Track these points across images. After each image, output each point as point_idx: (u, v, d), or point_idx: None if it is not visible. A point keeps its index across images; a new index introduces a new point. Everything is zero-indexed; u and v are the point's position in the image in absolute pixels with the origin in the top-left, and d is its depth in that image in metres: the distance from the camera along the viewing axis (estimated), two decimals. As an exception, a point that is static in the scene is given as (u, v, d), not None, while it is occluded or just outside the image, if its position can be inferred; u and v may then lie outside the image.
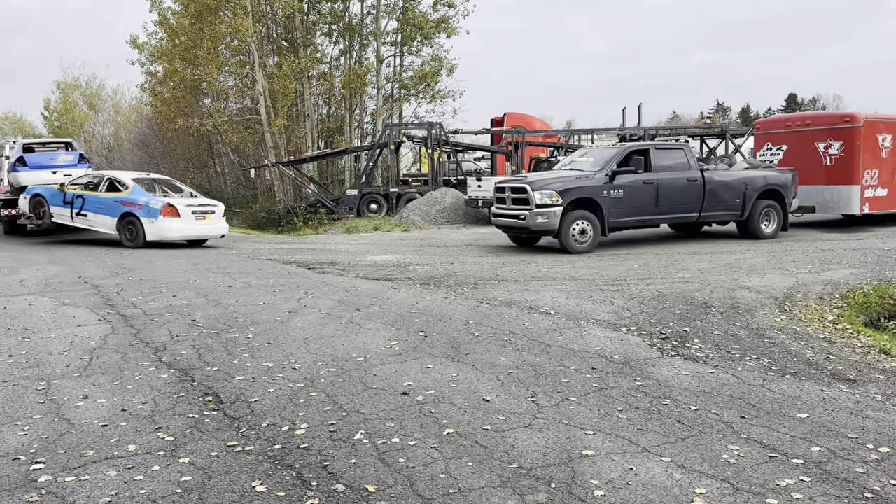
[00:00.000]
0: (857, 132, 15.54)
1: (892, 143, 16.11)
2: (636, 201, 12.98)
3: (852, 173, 15.65)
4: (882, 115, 16.86)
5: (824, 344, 6.37)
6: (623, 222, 13.07)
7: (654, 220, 13.70)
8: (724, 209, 13.91)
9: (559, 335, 6.51)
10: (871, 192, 15.82)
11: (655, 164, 13.22)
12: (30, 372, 5.56)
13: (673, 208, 13.39)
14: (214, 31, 29.16)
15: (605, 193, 12.69)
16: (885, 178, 16.12)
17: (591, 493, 3.42)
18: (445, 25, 30.08)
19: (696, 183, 13.46)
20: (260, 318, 7.39)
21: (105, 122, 55.77)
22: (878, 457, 3.85)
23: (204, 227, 15.37)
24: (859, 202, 15.69)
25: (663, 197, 13.18)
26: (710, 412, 4.53)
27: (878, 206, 16.11)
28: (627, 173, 12.86)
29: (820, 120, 16.77)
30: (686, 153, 13.83)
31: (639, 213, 13.11)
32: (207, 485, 3.56)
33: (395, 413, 4.54)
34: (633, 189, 12.90)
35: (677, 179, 13.33)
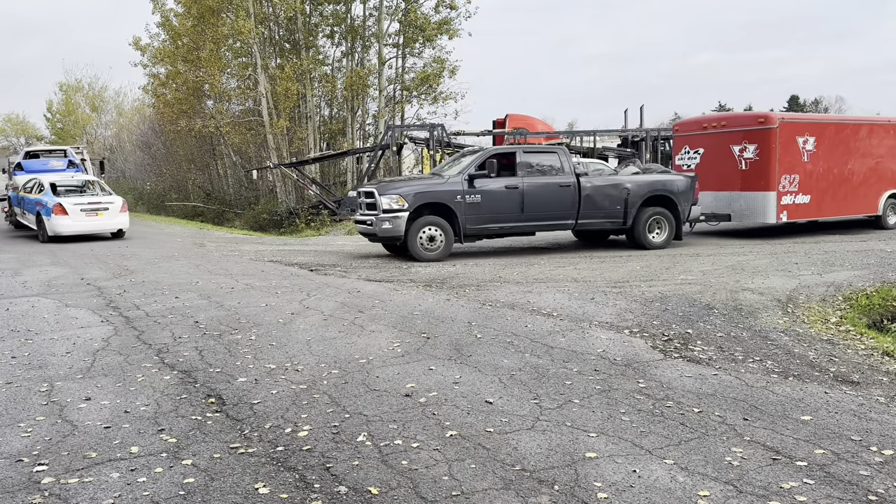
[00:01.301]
0: (772, 134, 14.42)
1: (815, 146, 14.92)
2: (497, 207, 12.35)
3: (767, 179, 14.48)
4: (803, 115, 15.87)
5: (827, 346, 6.36)
6: (483, 229, 12.49)
7: (521, 228, 12.81)
8: (604, 216, 13.03)
9: (562, 337, 6.51)
10: (789, 198, 14.62)
11: (523, 169, 12.58)
12: (33, 374, 5.57)
13: (542, 215, 12.65)
14: (217, 33, 29.21)
15: (460, 199, 12.13)
16: (808, 184, 14.88)
17: (594, 496, 3.42)
18: (447, 27, 30.09)
19: (570, 189, 12.67)
20: (262, 319, 7.39)
21: (107, 123, 55.87)
22: (881, 459, 3.84)
23: (95, 222, 17.10)
24: (775, 210, 14.48)
25: (530, 203, 12.49)
26: (713, 414, 4.52)
27: (798, 214, 14.89)
28: (487, 178, 12.26)
29: (734, 121, 15.67)
30: (560, 157, 12.96)
31: (501, 220, 12.48)
32: (210, 486, 3.56)
33: (398, 415, 4.54)
34: (493, 194, 12.31)
35: (547, 185, 12.62)
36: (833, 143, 15.21)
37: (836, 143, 15.29)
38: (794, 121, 15.18)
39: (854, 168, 15.58)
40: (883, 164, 16.05)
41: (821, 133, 15.04)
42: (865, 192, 15.79)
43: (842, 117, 16.28)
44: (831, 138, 15.20)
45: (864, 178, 15.74)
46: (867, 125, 16.29)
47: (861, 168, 15.69)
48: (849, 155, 15.51)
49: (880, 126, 16.38)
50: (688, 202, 13.63)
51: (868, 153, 15.81)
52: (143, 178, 42.83)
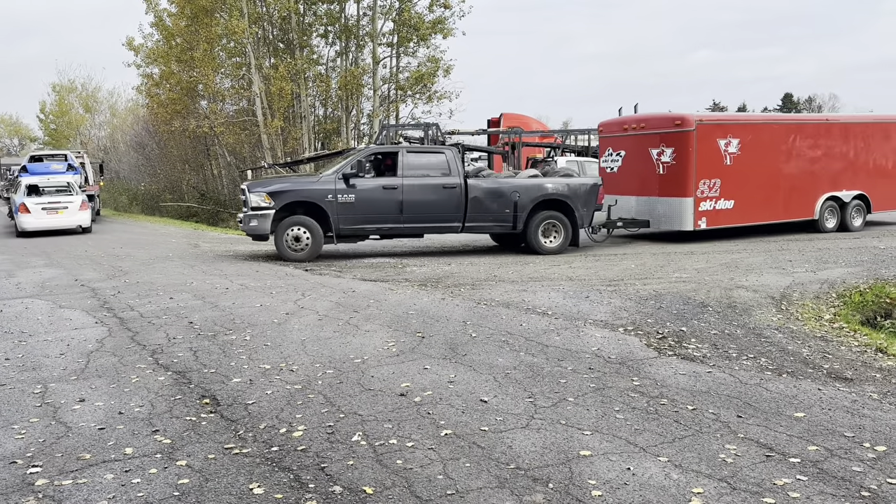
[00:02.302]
0: (688, 137, 13.57)
1: (738, 149, 14.04)
2: (373, 208, 12.14)
3: (684, 184, 13.67)
4: (725, 115, 14.56)
5: (821, 343, 6.39)
6: (358, 229, 12.30)
7: (401, 229, 12.56)
8: (493, 220, 12.63)
9: (556, 335, 6.52)
10: (708, 204, 13.81)
11: (406, 170, 12.32)
12: (26, 375, 5.55)
13: (424, 217, 12.37)
14: (210, 33, 29.14)
15: (332, 198, 11.96)
16: (731, 189, 14.02)
17: (589, 494, 3.43)
18: (441, 26, 30.07)
19: (455, 190, 12.34)
20: (257, 319, 7.38)
21: (101, 124, 55.68)
22: (874, 455, 3.85)
23: (55, 219, 19.40)
24: (692, 217, 13.66)
25: (410, 204, 12.23)
26: (707, 412, 4.54)
27: (720, 221, 14.05)
28: (363, 177, 12.12)
29: (653, 123, 14.51)
30: (448, 158, 12.61)
31: (378, 221, 12.26)
32: (205, 487, 3.55)
33: (393, 414, 4.54)
34: (368, 194, 12.10)
35: (430, 186, 12.31)
36: (760, 144, 14.42)
37: (764, 144, 14.50)
38: (715, 122, 14.29)
39: (787, 170, 14.72)
40: (820, 166, 15.15)
41: (746, 134, 14.23)
42: (801, 195, 14.94)
43: (770, 117, 15.25)
44: (758, 140, 14.40)
45: (800, 180, 14.87)
46: (801, 125, 15.49)
47: (795, 170, 14.83)
48: (780, 157, 14.66)
49: (816, 126, 15.55)
50: (587, 207, 12.95)
51: (802, 155, 14.96)
52: (138, 179, 42.70)
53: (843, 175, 15.39)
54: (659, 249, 12.91)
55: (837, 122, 16.13)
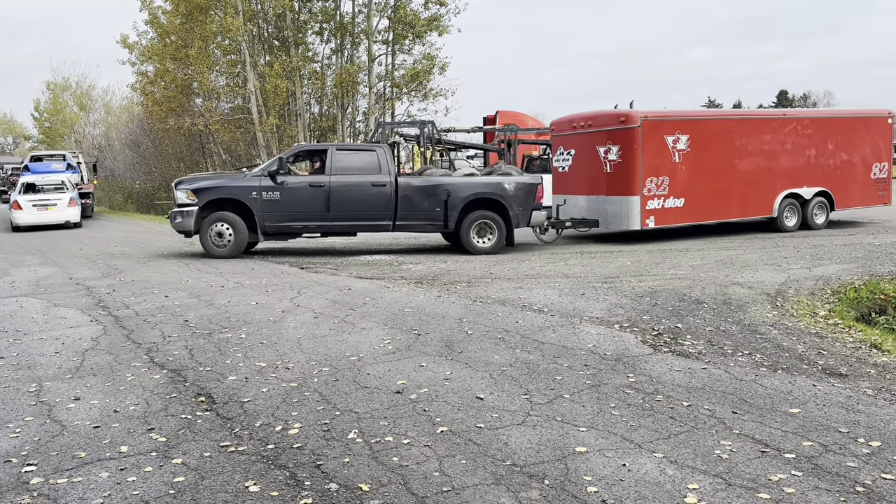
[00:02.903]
0: (633, 134, 13.18)
1: (688, 145, 13.58)
2: (300, 205, 12.25)
3: (630, 182, 13.27)
4: (673, 112, 14.12)
5: (816, 339, 6.40)
6: (285, 227, 12.41)
7: (329, 227, 12.60)
8: (424, 218, 12.58)
9: (552, 332, 6.52)
10: (656, 203, 13.38)
11: (334, 167, 12.37)
12: (21, 374, 5.53)
13: (353, 214, 12.42)
14: (205, 31, 29.06)
15: (256, 195, 12.14)
16: (681, 187, 13.57)
17: (585, 490, 3.43)
18: (437, 23, 30.05)
19: (385, 188, 12.35)
20: (252, 317, 7.37)
21: (96, 122, 55.53)
22: (869, 451, 3.87)
23: (45, 215, 21.09)
24: (639, 216, 13.24)
25: (337, 202, 12.29)
26: (702, 408, 4.55)
27: (669, 219, 13.63)
28: (289, 175, 12.33)
29: (599, 120, 14.09)
30: (379, 156, 12.64)
31: (304, 219, 12.37)
32: (200, 485, 3.55)
33: (389, 412, 4.54)
34: (294, 192, 12.21)
35: (359, 184, 12.34)
36: (712, 141, 13.95)
37: (717, 141, 14.01)
38: (661, 119, 13.73)
39: (742, 167, 14.26)
40: (779, 163, 14.66)
41: (696, 131, 13.79)
42: (759, 192, 14.43)
43: (722, 112, 14.52)
44: (709, 136, 13.95)
45: (757, 177, 14.38)
46: (756, 120, 15.03)
47: (751, 167, 14.35)
48: (734, 153, 14.19)
49: (773, 121, 15.03)
50: (524, 207, 12.67)
51: (759, 151, 14.48)
52: (133, 177, 42.58)
53: (805, 171, 14.93)
54: (654, 247, 12.92)
55: (797, 117, 15.71)
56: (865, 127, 15.85)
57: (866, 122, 15.99)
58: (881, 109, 16.65)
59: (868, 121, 16.03)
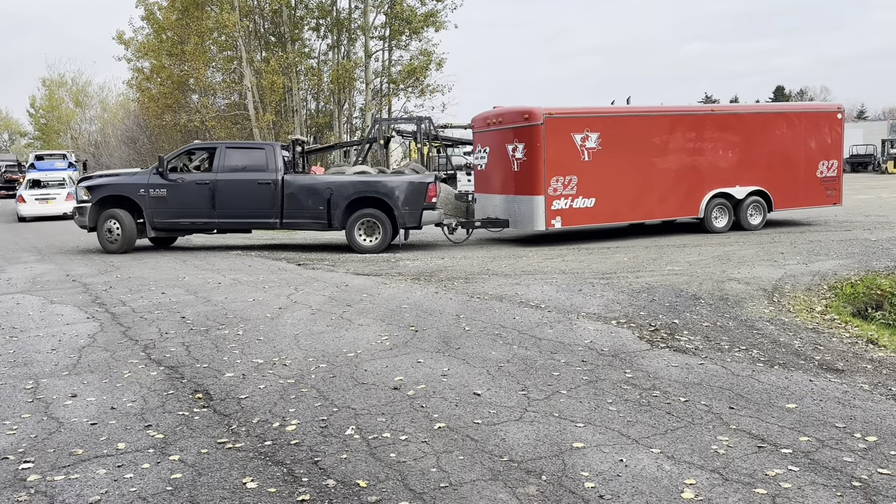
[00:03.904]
0: (537, 132, 12.68)
1: (599, 143, 13.03)
2: (186, 202, 12.58)
3: (535, 181, 12.77)
4: (580, 108, 13.59)
5: (812, 334, 6.42)
6: (172, 223, 12.78)
7: (215, 224, 12.89)
8: (309, 217, 12.68)
9: (549, 328, 6.53)
10: (563, 203, 12.85)
11: (222, 165, 12.66)
12: (18, 371, 5.52)
13: (239, 212, 12.67)
14: (201, 27, 28.99)
15: (144, 192, 12.54)
16: (591, 186, 13.01)
17: (582, 485, 3.44)
18: (434, 19, 30.02)
19: (270, 186, 12.55)
20: (250, 314, 7.36)
21: (92, 118, 55.39)
22: (865, 446, 3.88)
23: (45, 208, 23.89)
24: (544, 216, 12.74)
25: (223, 199, 12.57)
26: (699, 403, 4.56)
27: (578, 220, 13.10)
28: (177, 172, 12.71)
29: (507, 117, 13.53)
30: (267, 154, 12.81)
31: (191, 216, 12.66)
32: (198, 482, 3.55)
33: (386, 408, 4.54)
34: (181, 189, 12.55)
35: (244, 182, 12.57)
36: (627, 138, 13.34)
37: (632, 138, 13.38)
38: (567, 115, 13.09)
39: (663, 166, 13.61)
40: (706, 161, 13.95)
41: (607, 128, 13.20)
42: (683, 192, 13.79)
43: (638, 109, 13.81)
44: (623, 134, 13.34)
45: (680, 176, 13.73)
46: (678, 116, 14.10)
47: (673, 165, 13.69)
48: (652, 151, 13.55)
49: (699, 117, 14.23)
50: (412, 206, 12.43)
51: (682, 148, 13.79)
52: (129, 174, 42.49)
53: (738, 170, 14.19)
54: (651, 243, 12.93)
55: (727, 112, 14.82)
56: (812, 123, 14.90)
57: (813, 117, 15.05)
58: (830, 104, 15.37)
59: (815, 116, 15.10)
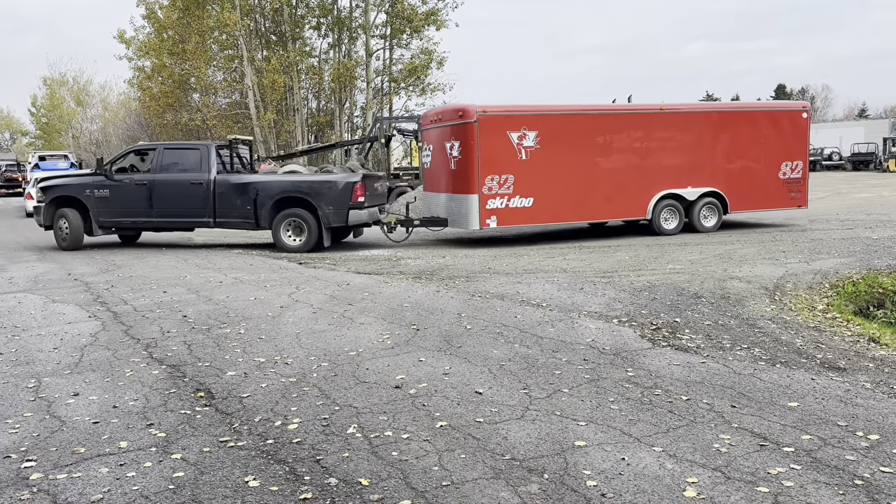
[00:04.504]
0: (470, 130, 12.52)
1: (537, 142, 12.78)
2: (126, 202, 13.09)
3: (469, 180, 12.62)
4: (516, 106, 13.31)
5: (814, 333, 6.41)
6: (116, 222, 13.41)
7: (154, 223, 13.39)
8: (239, 216, 12.92)
9: (551, 327, 6.53)
10: (499, 202, 12.66)
11: (160, 166, 13.07)
12: (20, 370, 5.53)
13: (174, 211, 13.05)
14: (202, 26, 28.99)
15: (90, 192, 13.18)
16: (529, 186, 12.77)
17: (584, 484, 3.44)
18: (435, 18, 30.00)
19: (202, 186, 12.87)
20: (251, 313, 7.37)
21: (93, 117, 55.42)
22: (867, 444, 3.87)
23: None
24: (478, 215, 12.59)
25: (159, 199, 12.99)
26: (701, 402, 4.55)
27: (515, 220, 12.92)
28: (121, 173, 13.27)
29: (446, 115, 13.44)
30: (202, 154, 13.13)
31: (132, 215, 13.18)
32: (200, 480, 3.55)
33: (388, 406, 4.54)
34: (122, 189, 13.09)
35: (178, 182, 12.94)
36: (567, 137, 13.07)
37: (573, 137, 13.11)
38: (503, 113, 12.87)
39: (607, 166, 13.36)
40: (654, 161, 13.61)
41: (546, 127, 12.94)
42: (629, 192, 13.49)
43: (579, 107, 13.41)
44: (564, 132, 13.07)
45: (626, 176, 13.46)
46: (623, 115, 13.81)
47: (618, 165, 13.44)
48: (595, 151, 13.30)
49: (647, 116, 13.84)
50: (337, 206, 12.46)
51: (628, 148, 13.51)
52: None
53: (689, 171, 13.82)
54: (653, 241, 12.92)
55: (678, 111, 14.09)
56: (774, 122, 14.42)
57: (776, 116, 14.56)
58: (795, 102, 14.40)
59: (778, 115, 14.61)
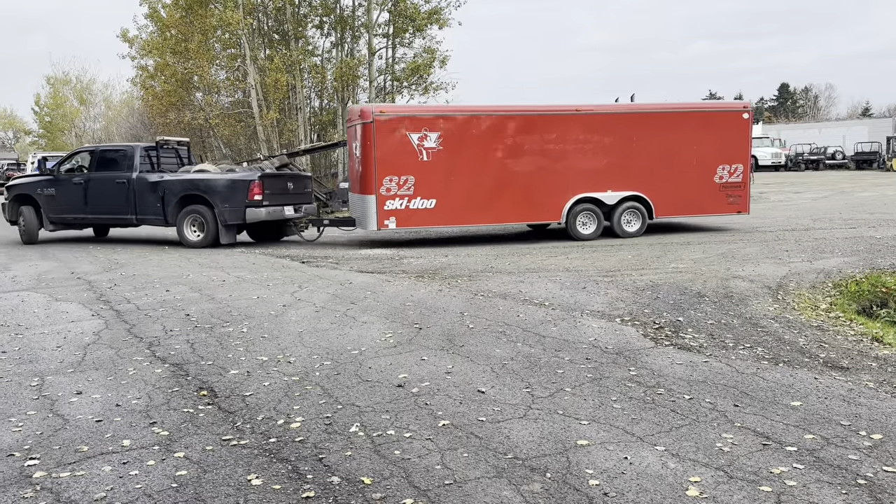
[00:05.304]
0: (368, 130, 12.58)
1: (439, 143, 12.67)
2: (68, 200, 14.05)
3: (367, 180, 12.70)
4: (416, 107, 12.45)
5: (817, 332, 6.40)
6: (62, 218, 14.31)
7: (91, 220, 14.40)
8: (152, 213, 13.59)
9: (553, 326, 6.53)
10: (398, 203, 12.64)
11: (95, 166, 14.00)
12: (23, 368, 5.54)
13: (104, 209, 13.89)
14: (205, 24, 29.00)
15: (41, 191, 14.27)
16: (432, 187, 12.70)
17: (586, 483, 3.44)
18: (438, 16, 29.95)
19: (125, 185, 13.63)
20: (254, 312, 7.37)
21: (96, 116, 55.52)
22: (870, 444, 3.87)
23: None
24: (376, 216, 12.63)
25: (93, 198, 13.84)
26: (703, 401, 4.55)
27: (415, 221, 12.88)
28: (68, 172, 14.26)
29: (352, 116, 13.55)
30: (129, 155, 13.88)
31: (73, 212, 14.12)
32: (203, 479, 3.55)
33: (391, 405, 4.54)
34: (64, 189, 14.05)
35: (107, 181, 13.76)
36: (474, 139, 12.91)
37: (481, 139, 12.93)
38: (401, 115, 12.90)
39: (517, 168, 13.07)
40: (570, 164, 13.24)
41: (450, 128, 12.80)
42: (543, 195, 13.18)
43: (487, 108, 13.13)
44: (470, 134, 12.90)
45: (539, 179, 13.14)
46: (534, 116, 13.33)
47: (530, 168, 13.11)
48: (505, 153, 13.04)
49: (561, 117, 13.36)
50: (232, 204, 12.91)
51: (540, 150, 13.18)
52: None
53: (609, 174, 13.39)
54: (656, 240, 12.91)
55: (596, 113, 13.55)
56: (710, 123, 13.77)
57: (712, 117, 13.91)
58: (735, 102, 14.04)
59: (715, 116, 13.95)
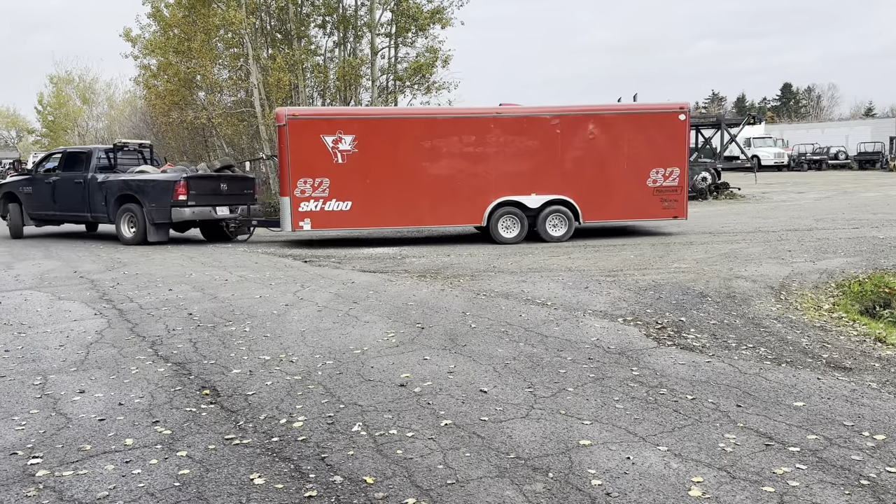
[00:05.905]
0: (282, 133, 12.83)
1: (354, 146, 12.77)
2: (41, 198, 15.12)
3: (283, 182, 12.99)
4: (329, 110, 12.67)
5: (820, 332, 6.39)
6: (38, 215, 15.38)
7: (59, 217, 15.25)
8: (101, 211, 14.39)
9: (556, 326, 6.52)
10: (313, 205, 12.75)
11: (63, 166, 15.03)
12: (26, 367, 5.55)
13: (68, 207, 14.81)
14: (208, 24, 29.02)
15: (21, 189, 15.38)
16: (347, 189, 12.80)
17: (589, 483, 3.44)
18: (440, 16, 29.94)
19: (81, 185, 14.48)
20: (256, 311, 7.38)
21: (99, 115, 55.56)
22: (873, 444, 3.86)
23: None
24: (290, 217, 12.78)
25: (58, 196, 14.85)
26: (706, 401, 4.55)
27: (331, 223, 12.98)
28: (43, 172, 15.34)
29: (276, 118, 13.46)
30: (89, 156, 14.66)
31: (46, 209, 15.14)
32: (205, 478, 3.56)
33: (393, 405, 4.55)
34: (39, 188, 15.11)
35: (69, 181, 14.64)
36: (391, 141, 12.96)
37: (398, 141, 12.99)
38: (314, 117, 13.08)
39: (435, 171, 13.06)
40: (491, 167, 13.13)
41: (365, 131, 12.88)
42: (464, 199, 13.09)
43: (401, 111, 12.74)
44: (386, 136, 12.97)
45: (461, 182, 13.08)
46: (452, 120, 13.34)
47: (449, 171, 13.09)
48: (423, 155, 13.03)
49: (480, 120, 13.22)
50: (159, 203, 13.45)
51: (459, 153, 13.15)
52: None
53: (533, 177, 13.19)
54: (658, 240, 12.90)
55: (518, 116, 13.42)
56: (642, 126, 13.42)
57: (644, 119, 13.53)
58: (671, 104, 13.89)
59: (647, 118, 13.57)
